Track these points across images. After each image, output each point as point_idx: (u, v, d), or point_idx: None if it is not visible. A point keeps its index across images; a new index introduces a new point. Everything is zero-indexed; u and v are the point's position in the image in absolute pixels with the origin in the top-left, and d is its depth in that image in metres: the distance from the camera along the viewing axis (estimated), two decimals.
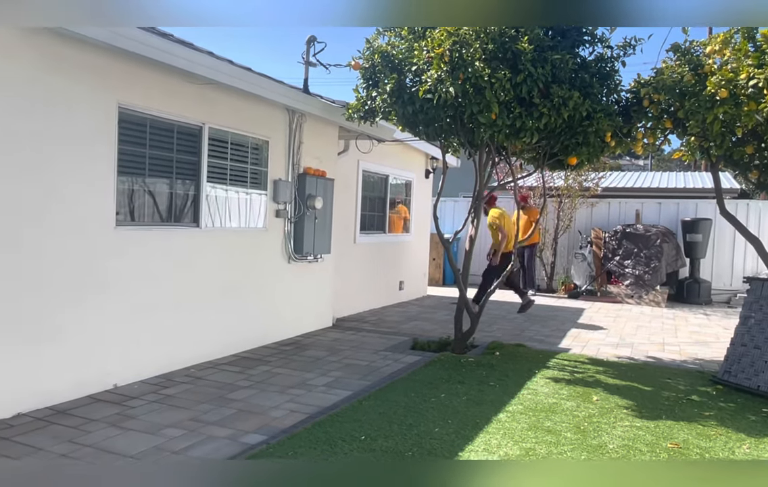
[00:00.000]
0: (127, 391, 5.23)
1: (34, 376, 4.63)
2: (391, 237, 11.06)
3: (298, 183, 7.55)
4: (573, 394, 5.48)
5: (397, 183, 11.27)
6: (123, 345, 5.36)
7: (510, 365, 6.49)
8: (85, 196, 4.95)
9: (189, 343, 6.09)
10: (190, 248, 6.06)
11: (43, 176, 4.62)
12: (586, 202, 13.74)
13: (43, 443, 4.03)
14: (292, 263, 7.61)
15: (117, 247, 5.26)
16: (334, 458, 3.87)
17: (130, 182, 5.42)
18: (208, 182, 6.21)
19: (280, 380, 5.72)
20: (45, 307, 4.68)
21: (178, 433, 4.32)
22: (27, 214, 4.52)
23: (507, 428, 4.55)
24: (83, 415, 4.60)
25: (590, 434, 4.48)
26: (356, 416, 4.69)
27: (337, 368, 6.24)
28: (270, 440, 4.19)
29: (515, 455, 4.04)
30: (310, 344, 7.40)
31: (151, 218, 5.68)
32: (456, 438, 4.30)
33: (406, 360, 6.68)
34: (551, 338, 8.25)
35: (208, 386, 5.45)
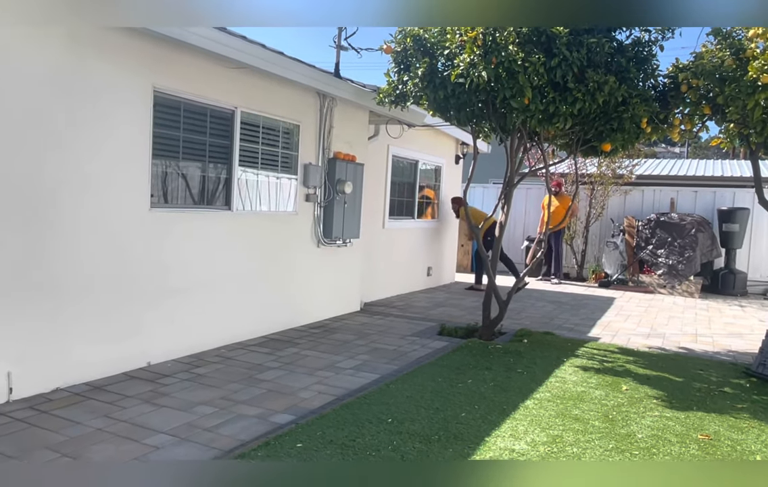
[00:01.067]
0: (160, 369, 5.36)
1: (72, 352, 4.78)
2: (420, 223, 11.05)
3: (328, 167, 7.58)
4: (602, 383, 5.43)
5: (426, 168, 11.23)
6: (156, 325, 5.49)
7: (538, 352, 6.45)
8: (121, 178, 5.06)
9: (220, 324, 6.21)
10: (222, 231, 6.15)
11: (81, 158, 4.73)
12: (620, 189, 13.49)
13: (80, 417, 4.17)
14: (321, 247, 7.67)
15: (151, 229, 5.37)
16: (361, 439, 3.92)
17: (164, 165, 5.53)
18: (239, 166, 6.29)
19: (309, 362, 5.80)
20: (82, 286, 4.82)
21: (210, 411, 4.42)
22: (64, 194, 4.64)
23: (534, 414, 4.54)
24: (118, 391, 4.74)
25: (619, 423, 4.44)
26: (383, 400, 4.73)
27: (365, 352, 6.29)
28: (298, 421, 4.26)
29: (542, 441, 4.03)
30: (338, 327, 7.47)
31: (185, 201, 5.78)
32: (482, 423, 4.31)
33: (434, 345, 6.69)
34: (580, 326, 8.17)
35: (238, 367, 5.56)
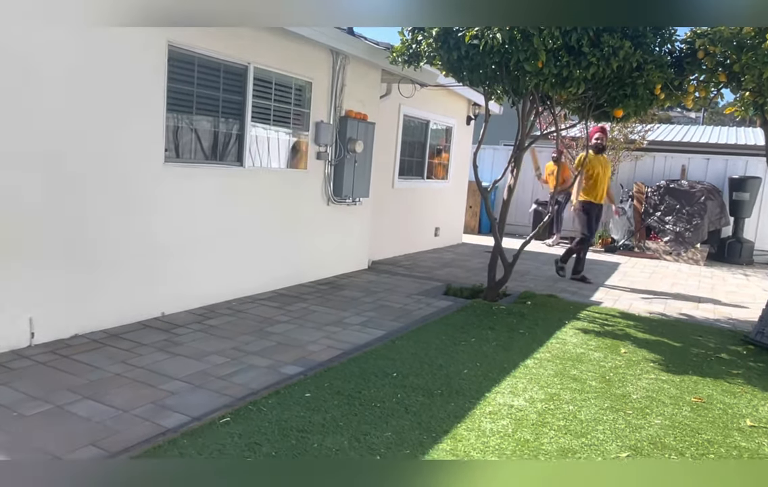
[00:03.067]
0: (173, 319, 5.55)
1: (90, 301, 4.96)
2: (429, 183, 11.11)
3: (339, 126, 7.64)
4: (601, 345, 5.58)
5: (437, 129, 11.24)
6: (170, 276, 5.66)
7: (540, 314, 6.60)
8: (136, 132, 5.16)
9: (231, 278, 6.37)
10: (234, 186, 6.27)
11: (97, 111, 4.83)
12: (631, 155, 13.44)
13: (99, 362, 4.36)
14: (331, 205, 7.78)
15: (165, 183, 5.49)
16: (367, 391, 4.09)
17: (178, 120, 5.61)
18: (252, 122, 6.36)
19: (317, 317, 5.97)
20: (98, 237, 4.97)
21: (222, 360, 4.60)
22: (81, 146, 4.75)
23: (533, 373, 4.70)
24: (134, 339, 4.93)
25: (615, 384, 4.59)
26: (389, 355, 4.90)
27: (372, 309, 6.46)
28: (307, 372, 4.44)
29: (540, 398, 4.19)
30: (345, 284, 7.63)
31: (198, 156, 5.89)
32: (483, 380, 4.48)
33: (439, 304, 6.85)
34: (584, 290, 8.29)
35: (249, 319, 5.73)
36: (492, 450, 3.39)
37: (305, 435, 3.42)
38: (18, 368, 4.12)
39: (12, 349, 4.43)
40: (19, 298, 4.43)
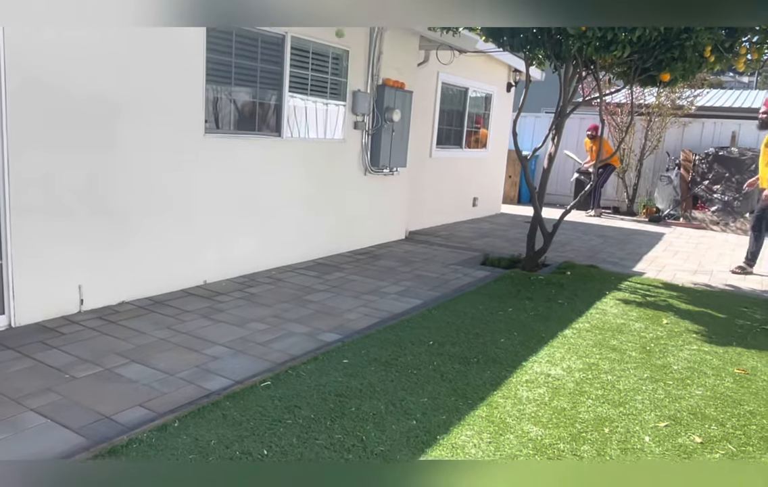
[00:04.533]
0: (215, 287, 5.69)
1: (135, 269, 5.13)
2: (468, 153, 10.99)
3: (376, 94, 7.60)
4: (642, 316, 5.48)
5: (476, 96, 11.07)
6: (212, 245, 5.79)
7: (580, 284, 6.51)
8: (177, 103, 5.25)
9: (270, 247, 6.48)
10: (273, 156, 6.34)
11: (140, 83, 4.93)
12: (678, 121, 13.00)
13: (145, 328, 4.53)
14: (368, 175, 7.79)
15: (206, 154, 5.59)
16: (403, 358, 4.14)
17: (217, 91, 5.69)
18: (289, 92, 6.40)
19: (354, 286, 6.03)
20: (143, 208, 5.11)
21: (262, 327, 4.71)
22: (126, 120, 4.87)
23: (572, 343, 4.66)
24: (178, 306, 5.08)
25: (655, 355, 4.52)
26: (425, 323, 4.93)
27: (409, 279, 6.48)
28: (344, 339, 4.51)
29: (578, 368, 4.16)
30: (383, 254, 7.67)
31: (237, 127, 5.96)
32: (520, 349, 4.47)
33: (476, 274, 6.83)
34: (626, 260, 8.13)
35: (288, 288, 5.84)
36: (528, 418, 3.40)
37: (343, 399, 3.49)
38: (69, 333, 4.31)
39: (63, 315, 4.64)
40: (68, 266, 4.61)
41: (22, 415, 3.16)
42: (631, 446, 3.16)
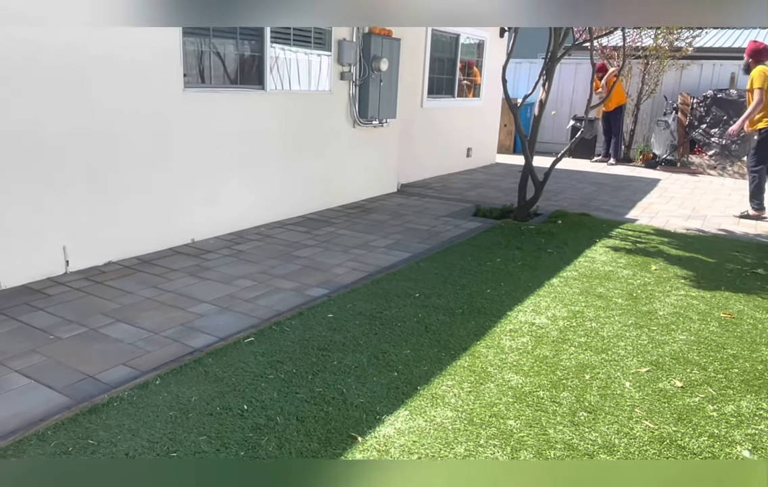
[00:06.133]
0: (203, 245, 5.67)
1: (121, 228, 5.10)
2: (460, 102, 10.83)
3: (363, 43, 7.44)
4: (631, 263, 5.47)
5: (469, 43, 10.85)
6: (198, 203, 5.75)
7: (570, 233, 6.48)
8: (155, 58, 5.13)
9: (258, 203, 6.44)
10: (257, 110, 6.23)
11: (116, 37, 4.81)
12: (676, 64, 12.76)
13: (131, 288, 4.52)
14: (357, 127, 7.69)
15: (187, 109, 5.49)
16: (388, 311, 4.14)
17: (196, 44, 5.55)
18: (271, 43, 6.25)
19: (344, 241, 6.01)
20: (127, 166, 5.05)
21: (249, 284, 4.71)
22: (104, 75, 4.77)
23: (558, 291, 4.66)
24: (165, 265, 5.07)
25: (641, 301, 4.52)
26: (412, 276, 4.92)
27: (399, 232, 6.46)
28: (331, 294, 4.51)
29: (562, 316, 4.17)
30: (373, 208, 7.63)
31: (218, 81, 5.85)
32: (506, 299, 4.47)
33: (467, 226, 6.79)
34: (619, 208, 8.08)
35: (276, 244, 5.82)
36: (509, 366, 3.41)
37: (326, 353, 3.50)
38: (54, 294, 4.31)
39: (48, 276, 4.63)
40: (52, 227, 4.58)
41: (5, 376, 3.17)
42: (611, 392, 3.18)
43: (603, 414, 2.97)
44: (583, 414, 2.96)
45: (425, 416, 2.89)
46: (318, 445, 2.63)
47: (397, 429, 2.77)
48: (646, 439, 2.77)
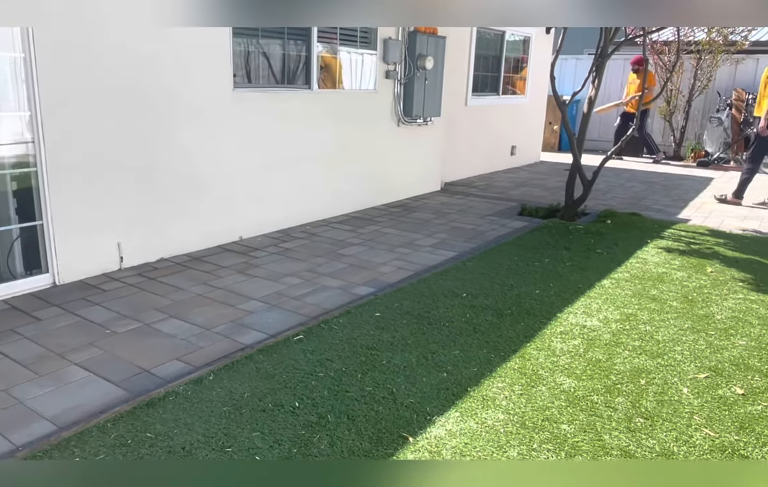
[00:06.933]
0: (251, 243, 5.75)
1: (172, 226, 5.21)
2: (505, 99, 10.69)
3: (408, 42, 7.42)
4: (685, 264, 5.30)
5: (514, 40, 10.70)
6: (246, 202, 5.83)
7: (621, 233, 6.32)
8: (206, 58, 5.23)
9: (304, 202, 6.49)
10: (303, 109, 6.29)
11: (169, 39, 4.91)
12: (730, 58, 12.31)
13: (182, 284, 4.62)
14: (401, 125, 7.67)
15: (235, 109, 5.58)
16: (436, 311, 4.12)
17: (245, 44, 5.63)
18: (318, 43, 6.29)
19: (388, 239, 6.01)
20: (178, 165, 5.16)
21: (297, 281, 4.75)
22: (156, 77, 4.88)
23: (610, 293, 4.55)
24: (214, 262, 5.17)
25: (698, 304, 4.37)
26: (459, 276, 4.88)
27: (444, 231, 6.42)
28: (377, 293, 4.51)
29: (615, 318, 4.07)
30: (417, 206, 7.60)
31: (266, 80, 5.92)
32: (556, 300, 4.38)
33: (513, 225, 6.70)
34: (670, 208, 7.84)
35: (322, 242, 5.86)
36: (561, 369, 3.35)
37: (374, 352, 3.50)
38: (109, 290, 4.44)
39: (103, 272, 4.77)
40: (107, 224, 4.72)
41: (66, 369, 3.28)
42: (668, 398, 3.08)
43: (660, 421, 2.88)
44: (639, 420, 2.88)
45: (476, 418, 2.86)
46: (369, 444, 2.64)
47: (448, 431, 2.75)
48: (707, 447, 2.68)
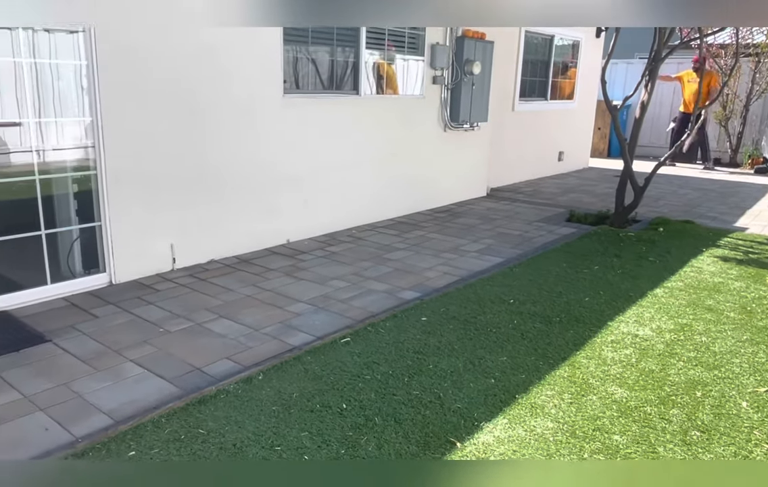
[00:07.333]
0: (297, 246, 5.83)
1: (223, 229, 5.33)
2: (553, 104, 10.54)
3: (456, 47, 7.40)
4: (743, 274, 5.10)
5: (563, 44, 10.54)
6: (293, 205, 5.92)
7: (674, 241, 6.14)
8: (258, 65, 5.33)
9: (350, 206, 6.54)
10: (351, 115, 6.34)
11: (221, 45, 5.04)
12: None
13: (232, 285, 4.72)
14: (447, 131, 7.65)
15: (285, 114, 5.67)
16: (482, 316, 4.09)
17: (295, 51, 5.73)
18: (366, 49, 6.34)
19: (434, 244, 5.99)
20: (227, 170, 5.28)
21: (343, 284, 4.79)
22: (209, 83, 5.01)
23: (663, 303, 4.42)
24: (263, 264, 5.26)
25: (757, 316, 4.20)
26: (506, 281, 4.83)
27: (490, 236, 6.36)
28: (423, 297, 4.50)
29: (668, 328, 3.95)
30: (463, 212, 7.56)
31: (315, 86, 6.00)
32: (606, 308, 4.29)
33: (561, 232, 6.59)
34: (726, 215, 7.57)
35: (368, 246, 5.89)
36: (613, 379, 3.27)
37: (421, 356, 3.50)
38: (163, 290, 4.57)
39: (157, 272, 4.91)
40: (161, 227, 4.87)
41: (122, 365, 3.40)
42: (726, 412, 2.97)
43: (718, 435, 2.78)
44: (695, 433, 2.78)
45: (525, 425, 2.82)
46: (417, 448, 2.63)
47: (496, 437, 2.72)
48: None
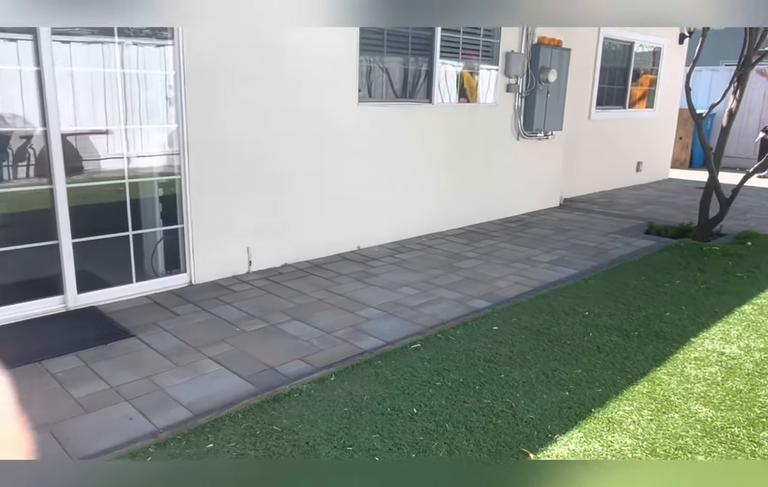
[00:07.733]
0: (368, 253, 5.89)
1: (296, 234, 5.47)
2: (631, 113, 10.18)
3: (531, 55, 7.29)
4: None
5: (643, 51, 10.18)
6: (365, 212, 5.99)
7: (764, 256, 5.78)
8: (335, 74, 5.44)
9: (421, 214, 6.55)
10: (423, 123, 6.36)
11: (298, 55, 5.18)
12: None
13: (305, 289, 4.82)
14: (521, 139, 7.54)
15: (360, 123, 5.76)
16: (556, 327, 3.99)
17: (370, 61, 5.81)
18: (440, 58, 6.35)
19: (505, 254, 5.91)
20: (304, 175, 5.41)
21: (413, 292, 4.80)
22: (289, 95, 5.16)
23: (751, 320, 4.17)
24: (334, 269, 5.35)
25: None
26: (580, 293, 4.69)
27: (563, 247, 6.21)
28: (494, 307, 4.44)
29: (758, 347, 3.72)
30: (535, 222, 7.41)
31: (388, 95, 6.06)
32: (689, 324, 4.09)
33: (639, 244, 6.35)
34: None
35: (437, 254, 5.87)
36: (696, 397, 3.11)
37: (492, 365, 3.45)
38: (239, 291, 4.73)
39: (234, 274, 5.09)
40: (238, 231, 5.04)
41: (200, 361, 3.54)
42: None
43: None
44: None
45: (601, 440, 2.73)
46: (488, 456, 2.60)
47: (570, 450, 2.64)
48: None
